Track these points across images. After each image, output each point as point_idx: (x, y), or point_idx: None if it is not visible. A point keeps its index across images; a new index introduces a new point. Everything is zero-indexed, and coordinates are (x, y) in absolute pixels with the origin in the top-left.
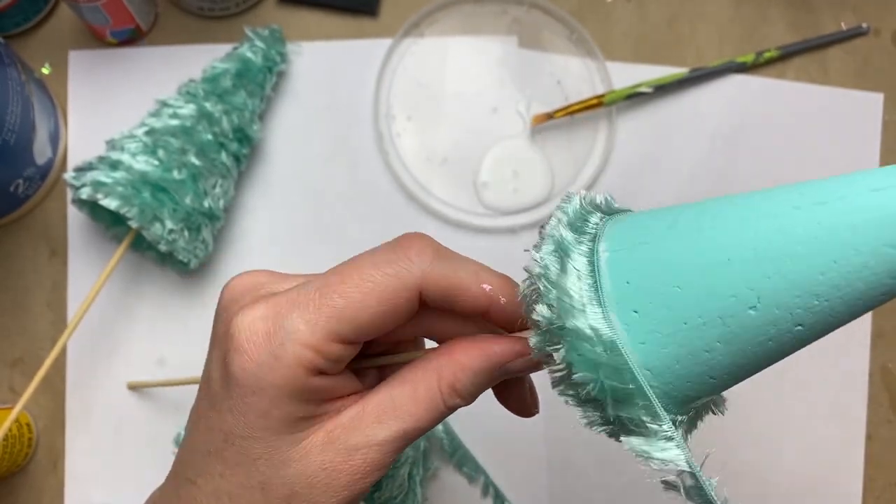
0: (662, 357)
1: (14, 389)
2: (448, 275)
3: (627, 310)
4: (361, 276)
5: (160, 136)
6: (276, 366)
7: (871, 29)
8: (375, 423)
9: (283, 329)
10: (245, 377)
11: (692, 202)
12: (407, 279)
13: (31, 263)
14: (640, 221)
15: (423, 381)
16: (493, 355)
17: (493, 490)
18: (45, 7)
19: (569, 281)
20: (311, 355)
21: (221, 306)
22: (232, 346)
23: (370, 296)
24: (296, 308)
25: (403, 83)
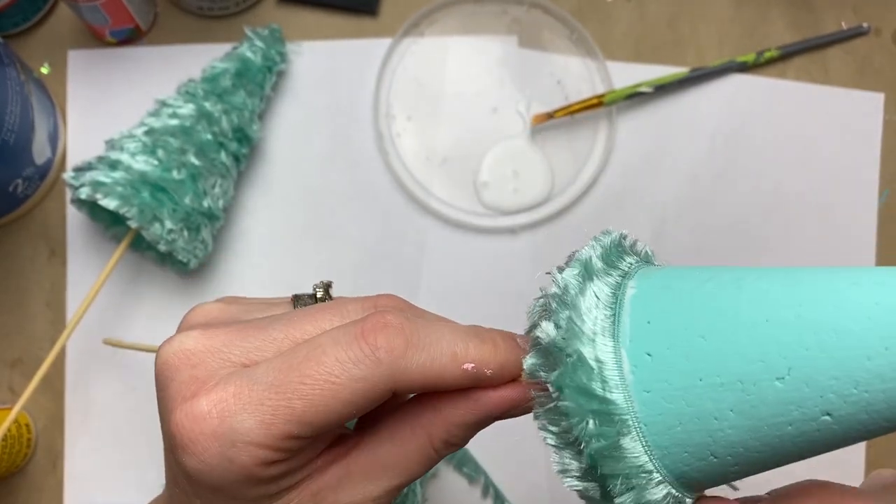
0: (665, 413)
1: (13, 390)
2: (424, 368)
3: (641, 351)
4: (325, 378)
5: (159, 135)
6: (230, 468)
7: (871, 28)
8: (366, 482)
9: (233, 430)
10: (201, 477)
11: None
12: (376, 382)
13: (30, 263)
14: (676, 270)
15: (412, 439)
16: (492, 409)
17: (494, 490)
18: (45, 7)
19: (585, 304)
20: (265, 453)
21: (158, 382)
22: (179, 448)
23: (334, 400)
24: (246, 406)
25: (403, 83)
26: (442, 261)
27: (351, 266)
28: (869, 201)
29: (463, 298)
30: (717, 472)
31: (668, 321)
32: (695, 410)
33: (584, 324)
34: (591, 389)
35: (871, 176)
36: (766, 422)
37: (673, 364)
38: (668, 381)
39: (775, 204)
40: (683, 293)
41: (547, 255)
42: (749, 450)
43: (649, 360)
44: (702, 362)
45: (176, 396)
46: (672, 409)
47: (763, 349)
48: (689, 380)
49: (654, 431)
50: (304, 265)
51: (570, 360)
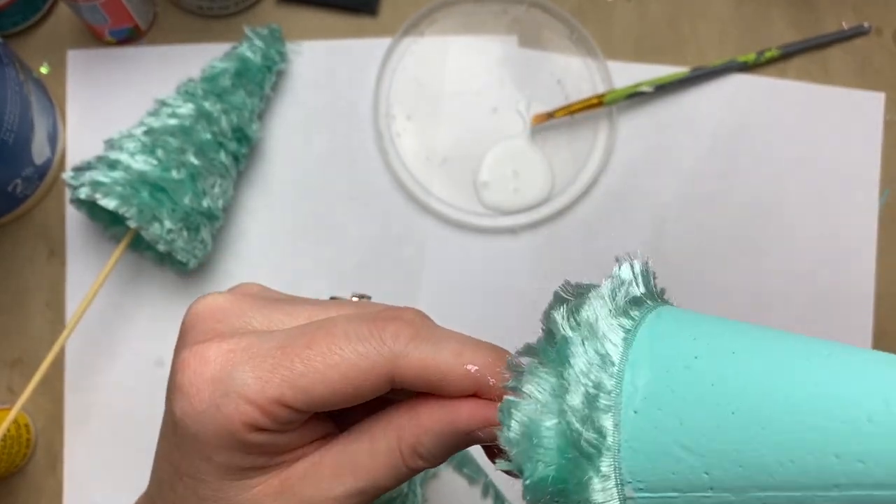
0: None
1: (12, 390)
2: (426, 360)
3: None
4: (330, 347)
5: (159, 135)
6: (216, 416)
7: (872, 28)
8: (332, 478)
9: (231, 379)
10: (185, 420)
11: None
12: (376, 361)
13: (29, 263)
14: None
15: (382, 438)
16: (460, 422)
17: (494, 491)
18: (44, 6)
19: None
20: (254, 413)
21: (182, 329)
22: (175, 386)
23: (333, 370)
24: (251, 359)
25: (403, 83)
26: (442, 261)
27: (351, 266)
28: (869, 201)
29: (463, 298)
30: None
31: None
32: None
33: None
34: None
35: (872, 176)
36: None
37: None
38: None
39: (775, 204)
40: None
41: (547, 255)
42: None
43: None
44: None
45: (191, 341)
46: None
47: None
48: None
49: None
50: (303, 265)
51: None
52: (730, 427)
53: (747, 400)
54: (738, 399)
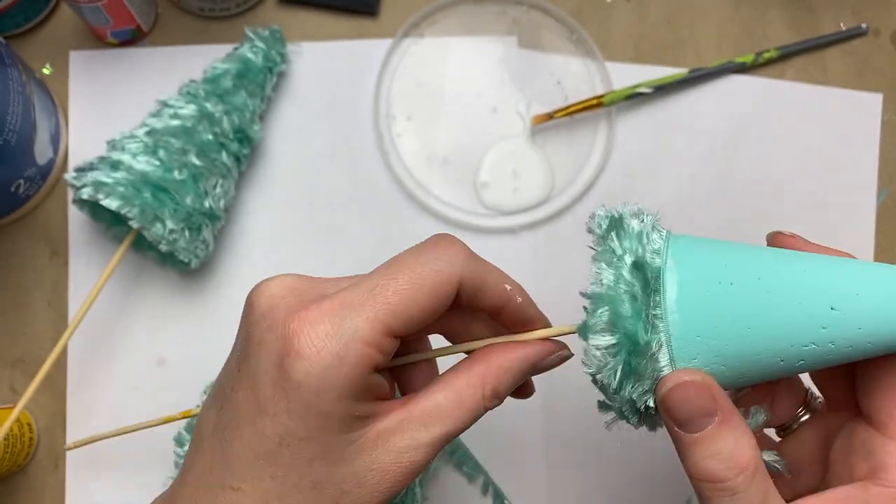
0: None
1: (15, 389)
2: (481, 273)
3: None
4: (412, 274)
5: (161, 136)
6: (341, 366)
7: (870, 29)
8: (422, 427)
9: (345, 329)
10: (309, 380)
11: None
12: (451, 275)
13: (31, 263)
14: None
15: (467, 387)
16: (530, 356)
17: (493, 489)
18: (46, 7)
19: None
20: (373, 352)
21: (260, 311)
22: (292, 352)
23: (421, 291)
24: (352, 309)
25: (403, 83)
26: None
27: (351, 266)
28: (867, 201)
29: None
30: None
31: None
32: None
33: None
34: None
35: (870, 176)
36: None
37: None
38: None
39: (774, 204)
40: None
41: (547, 254)
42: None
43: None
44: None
45: (286, 311)
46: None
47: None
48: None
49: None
50: (304, 265)
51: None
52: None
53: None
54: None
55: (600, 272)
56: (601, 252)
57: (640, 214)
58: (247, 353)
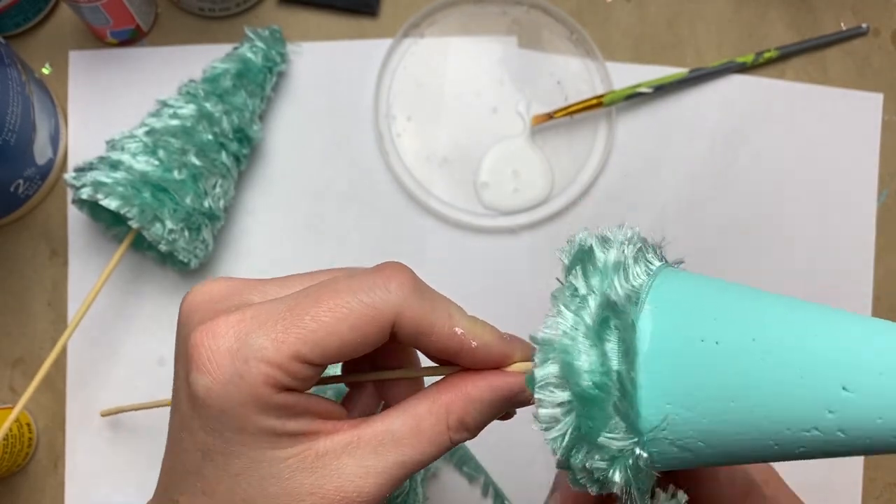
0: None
1: (14, 389)
2: (423, 312)
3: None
4: (336, 301)
5: (160, 136)
6: (240, 384)
7: (870, 29)
8: (372, 453)
9: (248, 346)
10: (210, 396)
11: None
12: (383, 310)
13: (31, 263)
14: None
15: (428, 415)
16: (503, 387)
17: (494, 490)
18: (46, 7)
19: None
20: (276, 373)
21: (181, 320)
22: (193, 366)
23: (343, 322)
24: (262, 325)
25: (403, 83)
26: (442, 261)
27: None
28: (868, 201)
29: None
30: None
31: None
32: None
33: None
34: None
35: (870, 176)
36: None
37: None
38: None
39: (774, 204)
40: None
41: (547, 254)
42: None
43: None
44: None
45: (196, 323)
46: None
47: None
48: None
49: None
50: (304, 265)
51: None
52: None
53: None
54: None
55: (556, 314)
56: (561, 289)
57: (624, 243)
58: (174, 364)
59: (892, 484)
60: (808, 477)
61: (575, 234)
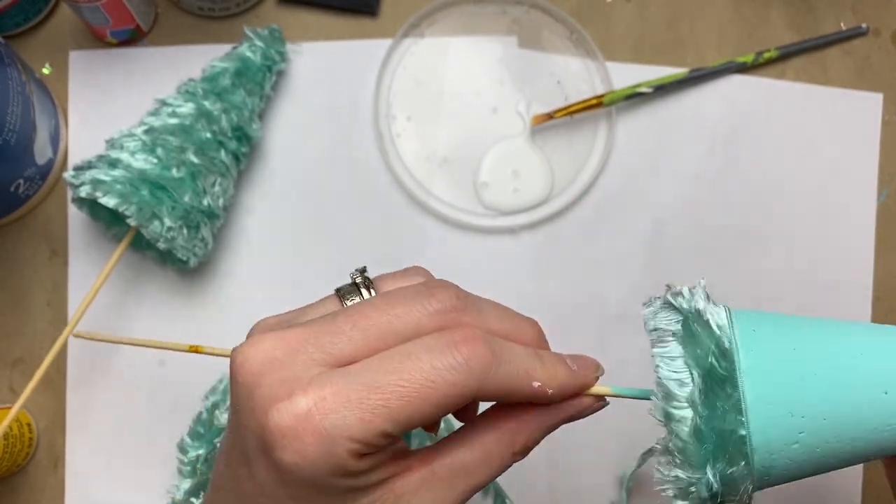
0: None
1: (14, 389)
2: (505, 380)
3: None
4: (421, 381)
5: (159, 134)
6: (329, 459)
7: (870, 29)
8: (446, 487)
9: (335, 427)
10: (299, 472)
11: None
12: (466, 388)
13: (31, 263)
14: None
15: (495, 445)
16: (567, 411)
17: (494, 489)
18: (46, 7)
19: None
20: (361, 447)
21: (242, 392)
22: (279, 445)
23: (427, 402)
24: (346, 404)
25: (403, 83)
26: (442, 261)
27: (351, 265)
28: (868, 201)
29: None
30: (791, 461)
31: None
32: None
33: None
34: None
35: (870, 176)
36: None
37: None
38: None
39: (774, 204)
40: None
41: (547, 254)
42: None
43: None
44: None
45: (268, 399)
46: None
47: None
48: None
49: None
50: (304, 264)
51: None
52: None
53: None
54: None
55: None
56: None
57: (709, 301)
58: (237, 429)
59: None
60: (809, 478)
61: (656, 300)
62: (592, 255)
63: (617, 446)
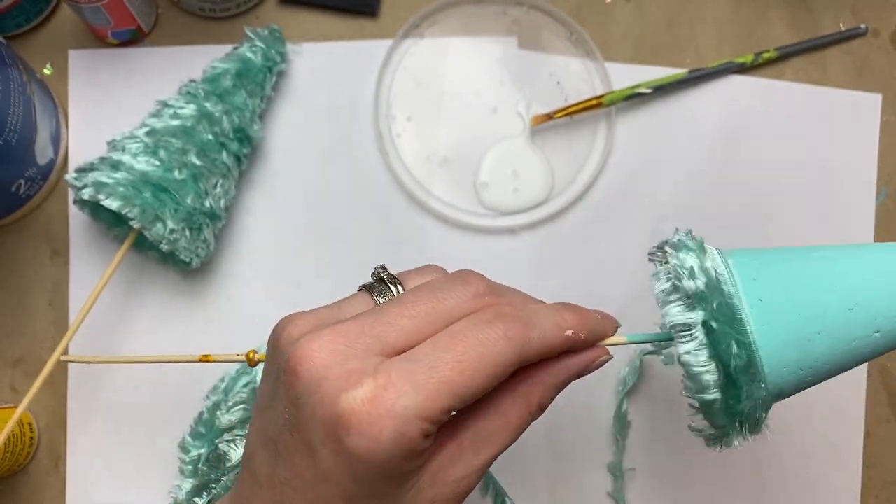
0: (776, 339)
1: (16, 389)
2: (541, 341)
3: (754, 298)
4: (475, 354)
5: (161, 136)
6: (401, 441)
7: (869, 29)
8: (473, 454)
9: (406, 408)
10: (372, 457)
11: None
12: (511, 357)
13: (32, 263)
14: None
15: (514, 408)
16: (575, 368)
17: (494, 487)
18: (47, 8)
19: (710, 268)
20: (430, 426)
21: (307, 384)
22: (354, 431)
23: (482, 373)
24: (413, 386)
25: (403, 84)
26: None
27: (351, 265)
28: (866, 201)
29: None
30: (797, 382)
31: (769, 276)
32: (794, 336)
33: (721, 281)
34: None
35: (869, 176)
36: (841, 340)
37: (778, 303)
38: (776, 317)
39: (773, 204)
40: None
41: (546, 254)
42: (825, 362)
43: (761, 304)
44: (799, 303)
45: (337, 389)
46: (780, 337)
47: (846, 297)
48: (791, 315)
49: (767, 354)
50: (304, 264)
51: (720, 301)
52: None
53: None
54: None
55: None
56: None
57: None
58: (299, 421)
59: (890, 482)
60: (808, 475)
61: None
62: (592, 255)
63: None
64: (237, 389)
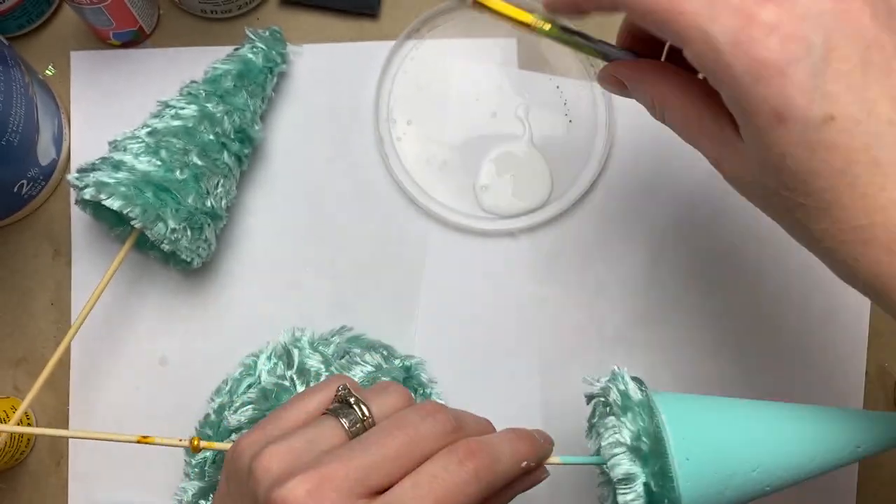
0: (696, 493)
1: (18, 388)
2: (505, 474)
3: (682, 457)
4: (448, 495)
5: (162, 136)
6: None
7: None
8: None
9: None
10: None
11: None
12: (481, 491)
13: (34, 263)
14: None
15: None
16: (520, 490)
17: None
18: (49, 9)
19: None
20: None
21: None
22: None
23: None
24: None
25: (404, 87)
26: (442, 263)
27: (352, 268)
28: None
29: (463, 301)
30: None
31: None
32: (712, 490)
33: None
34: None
35: None
36: (745, 493)
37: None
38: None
39: None
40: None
41: (546, 257)
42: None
43: (688, 462)
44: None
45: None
46: (700, 490)
47: (751, 461)
48: (709, 473)
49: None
50: (305, 264)
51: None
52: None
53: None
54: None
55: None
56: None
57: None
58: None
59: (886, 484)
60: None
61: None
62: (592, 256)
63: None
64: (241, 391)
